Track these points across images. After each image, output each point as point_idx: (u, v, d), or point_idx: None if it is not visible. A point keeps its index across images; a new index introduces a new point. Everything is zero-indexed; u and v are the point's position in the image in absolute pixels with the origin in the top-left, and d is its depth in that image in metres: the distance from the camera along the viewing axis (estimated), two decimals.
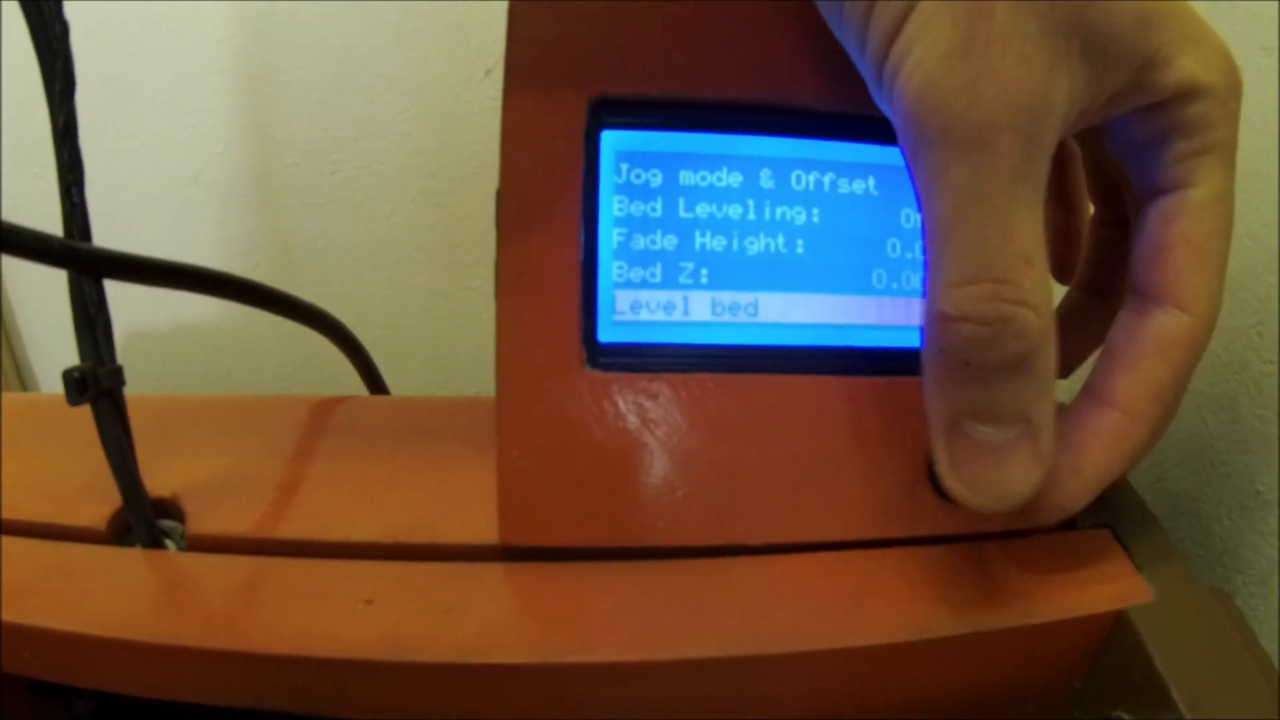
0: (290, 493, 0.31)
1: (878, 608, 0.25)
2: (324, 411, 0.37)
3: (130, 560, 0.28)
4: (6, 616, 0.25)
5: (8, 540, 0.28)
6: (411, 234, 0.59)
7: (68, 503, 0.30)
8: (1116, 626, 0.26)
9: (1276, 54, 0.33)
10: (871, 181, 0.27)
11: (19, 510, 0.30)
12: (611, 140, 0.26)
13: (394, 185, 0.58)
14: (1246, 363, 0.35)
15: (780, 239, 0.27)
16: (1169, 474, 0.39)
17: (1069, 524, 0.30)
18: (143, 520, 0.28)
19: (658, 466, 0.26)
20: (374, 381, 0.45)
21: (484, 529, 0.27)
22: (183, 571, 0.27)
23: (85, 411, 0.27)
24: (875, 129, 0.26)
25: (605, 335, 0.27)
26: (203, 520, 0.29)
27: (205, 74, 0.57)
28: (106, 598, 0.26)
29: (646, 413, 0.26)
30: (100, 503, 0.29)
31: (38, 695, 0.30)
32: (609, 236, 0.27)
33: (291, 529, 0.29)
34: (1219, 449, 0.36)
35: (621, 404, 0.26)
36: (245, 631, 0.24)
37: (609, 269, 0.27)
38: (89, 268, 0.27)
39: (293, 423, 0.35)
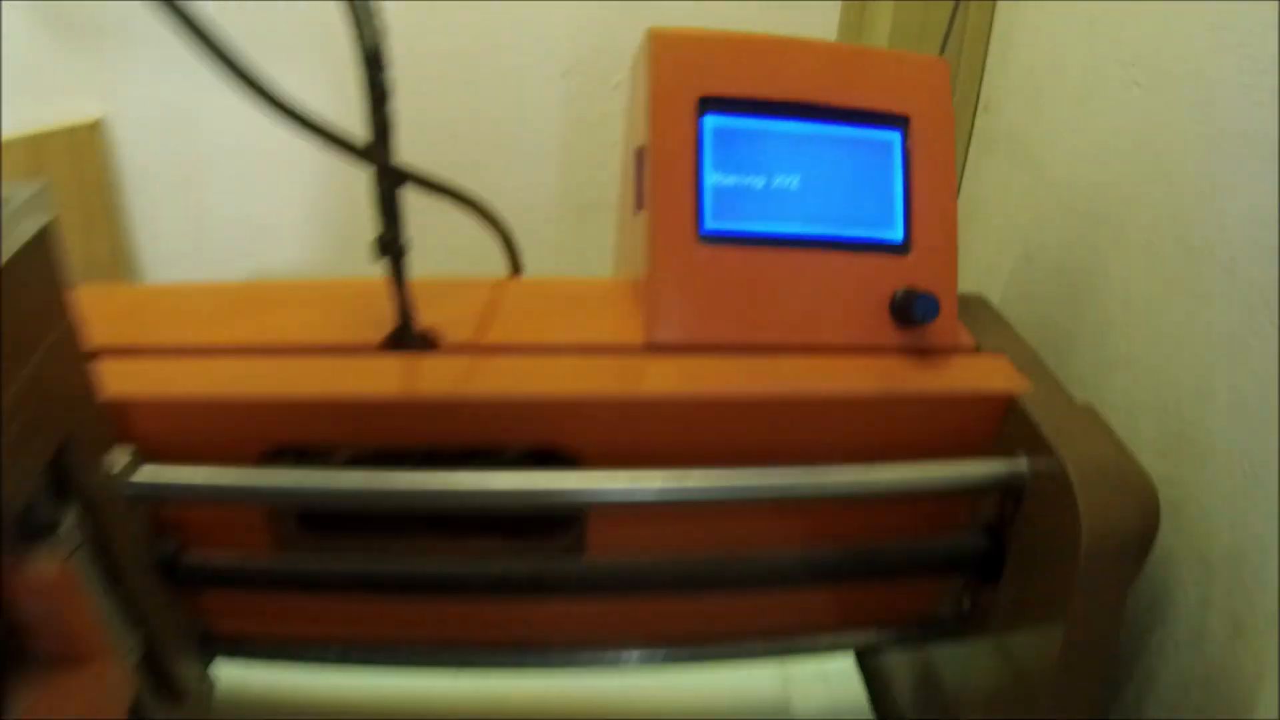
0: (496, 321, 0.47)
1: (854, 374, 0.44)
2: (496, 285, 0.52)
3: (397, 359, 0.44)
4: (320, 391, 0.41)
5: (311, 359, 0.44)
6: None
7: (349, 331, 0.46)
8: (1010, 408, 0.45)
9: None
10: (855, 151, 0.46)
11: (320, 336, 0.45)
12: (710, 122, 0.44)
13: None
14: None
15: (796, 180, 0.45)
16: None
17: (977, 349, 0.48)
18: (410, 335, 0.44)
19: (736, 294, 0.44)
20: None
21: (635, 334, 0.45)
22: (430, 364, 0.44)
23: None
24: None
25: (707, 227, 0.45)
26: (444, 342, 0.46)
27: None
28: (380, 376, 0.42)
29: (729, 266, 0.44)
30: (375, 333, 0.45)
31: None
32: (710, 176, 0.45)
33: (502, 336, 0.45)
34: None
35: (716, 263, 0.44)
36: (475, 383, 0.41)
37: (710, 194, 0.45)
38: (390, 173, 0.43)
39: (482, 288, 0.51)
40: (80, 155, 0.83)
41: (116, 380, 0.40)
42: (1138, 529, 0.44)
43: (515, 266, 0.59)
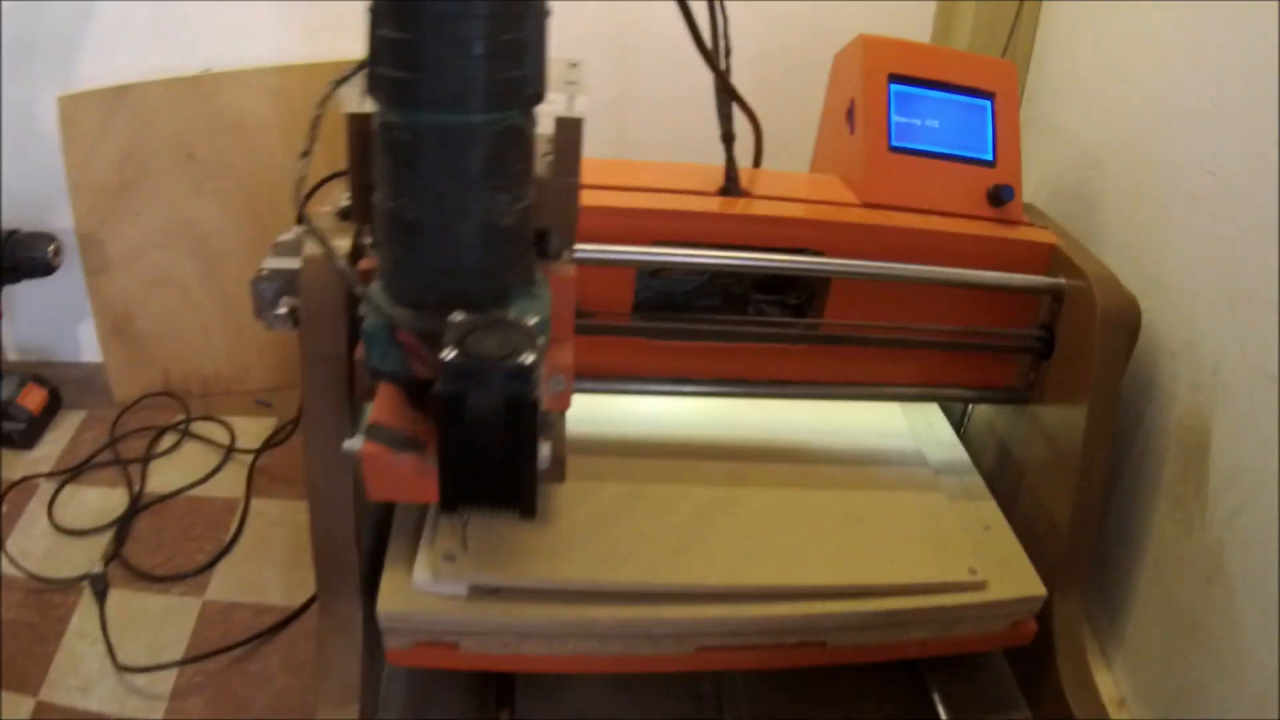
0: (771, 186, 0.83)
1: (968, 226, 0.81)
2: (765, 170, 0.88)
3: (724, 199, 0.79)
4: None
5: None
6: None
7: (701, 185, 0.81)
8: (1053, 251, 0.81)
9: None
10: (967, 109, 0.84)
11: (687, 185, 0.80)
12: (894, 88, 0.83)
13: None
14: None
15: (937, 122, 0.83)
16: None
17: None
18: (732, 186, 0.80)
19: (907, 180, 0.81)
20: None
21: (852, 198, 0.81)
22: (742, 201, 0.79)
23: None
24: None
25: (893, 144, 0.82)
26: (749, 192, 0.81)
27: None
28: (714, 203, 0.78)
29: (903, 165, 0.81)
30: (713, 186, 0.81)
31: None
32: (894, 117, 0.82)
33: (778, 192, 0.81)
34: None
35: (897, 162, 0.81)
36: (768, 209, 0.77)
37: (893, 126, 0.82)
38: (727, 88, 0.79)
39: (758, 172, 0.87)
40: None
41: None
42: (1129, 325, 0.79)
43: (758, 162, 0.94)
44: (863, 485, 0.84)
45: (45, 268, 1.07)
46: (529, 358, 0.50)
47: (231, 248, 1.15)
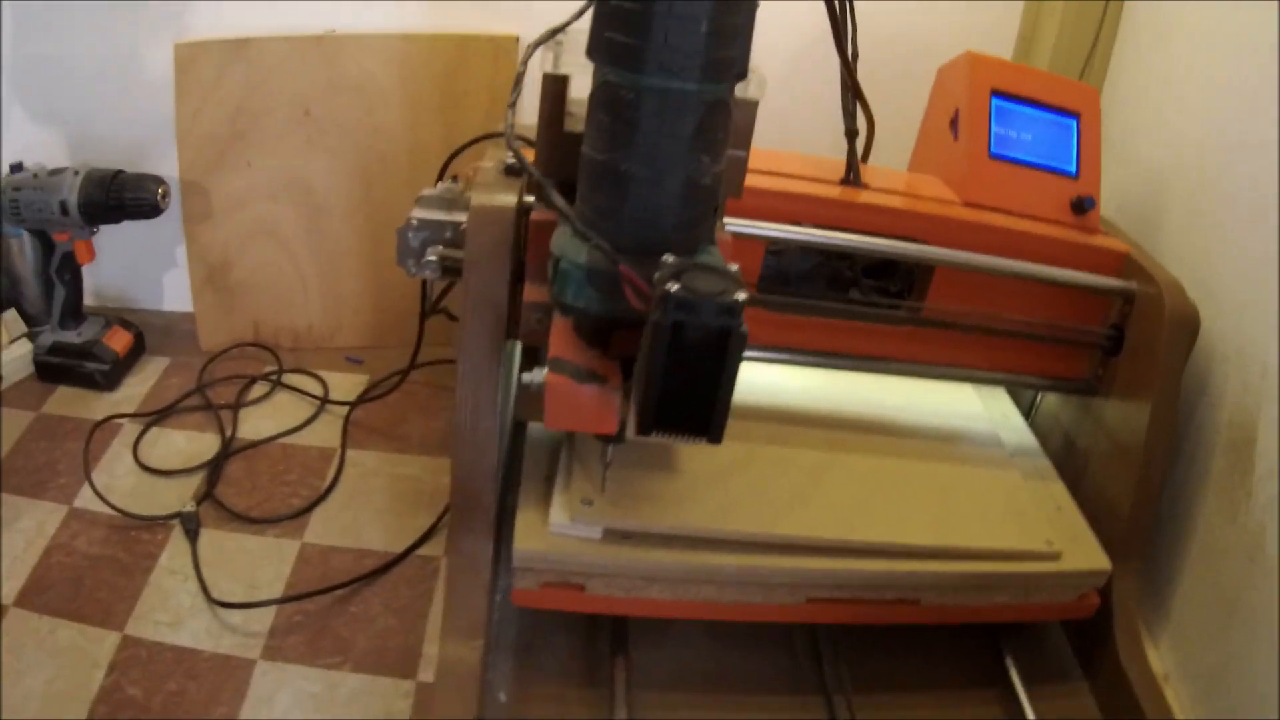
0: (886, 181, 0.88)
1: (1054, 229, 0.87)
2: (878, 168, 0.93)
3: (845, 187, 0.84)
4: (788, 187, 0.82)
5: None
6: None
7: (825, 174, 0.86)
8: (1126, 258, 0.87)
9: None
10: (1056, 125, 0.90)
11: (816, 174, 0.85)
12: (995, 101, 0.88)
13: None
14: None
15: (1030, 135, 0.89)
16: None
17: None
18: (853, 178, 0.85)
19: (1003, 185, 0.87)
20: None
21: (954, 196, 0.86)
22: (864, 191, 0.84)
23: None
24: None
25: (992, 152, 0.87)
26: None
27: None
28: (836, 190, 0.83)
29: (1000, 171, 0.87)
30: (835, 176, 0.85)
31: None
32: (994, 128, 0.88)
33: (892, 187, 0.86)
34: None
35: (994, 168, 0.87)
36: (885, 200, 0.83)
37: (993, 136, 0.88)
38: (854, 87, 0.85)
39: (873, 169, 0.92)
40: (499, 59, 1.12)
41: None
42: (1191, 329, 0.85)
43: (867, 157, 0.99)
44: (949, 460, 0.89)
45: (152, 209, 1.07)
46: (739, 295, 0.55)
47: (337, 205, 1.15)
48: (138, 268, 1.23)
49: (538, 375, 0.64)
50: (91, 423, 1.10)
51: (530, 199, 0.76)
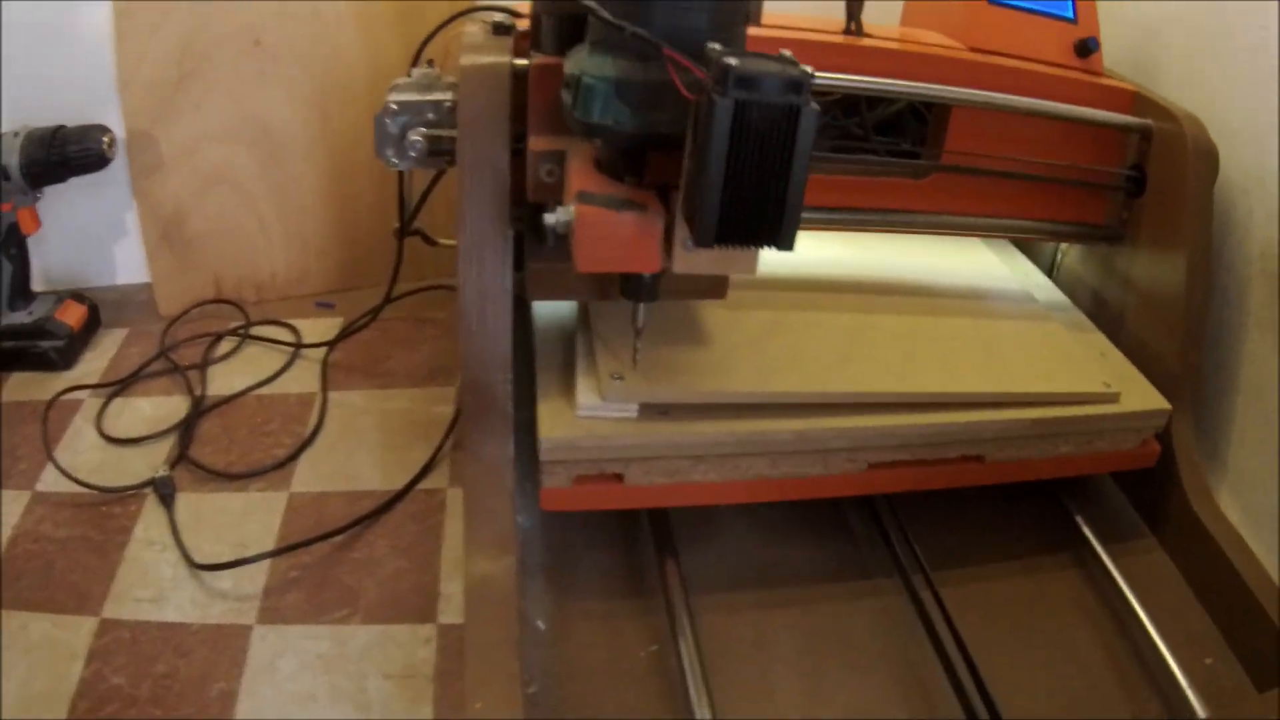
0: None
1: (1061, 69, 0.75)
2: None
3: (850, 36, 0.72)
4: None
5: None
6: None
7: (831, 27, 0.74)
8: (1135, 96, 0.77)
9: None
10: None
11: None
12: None
13: None
14: None
15: None
16: None
17: None
18: (854, 29, 0.73)
19: (1013, 32, 0.75)
20: None
21: (959, 45, 0.75)
22: (866, 39, 0.72)
23: None
24: None
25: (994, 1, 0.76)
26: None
27: None
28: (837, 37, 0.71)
29: (1008, 18, 0.76)
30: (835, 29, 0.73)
31: None
32: None
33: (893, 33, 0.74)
34: None
35: (1003, 15, 0.76)
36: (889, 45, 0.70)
37: None
38: None
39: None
40: None
41: None
42: (1214, 161, 0.75)
43: None
44: (986, 315, 0.76)
45: (99, 159, 0.90)
46: (806, 68, 0.42)
47: (295, 141, 0.99)
48: (86, 242, 1.04)
49: (562, 213, 0.51)
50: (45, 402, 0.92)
51: (522, 61, 0.62)
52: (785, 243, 0.44)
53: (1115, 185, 0.79)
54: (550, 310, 0.73)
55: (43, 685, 0.65)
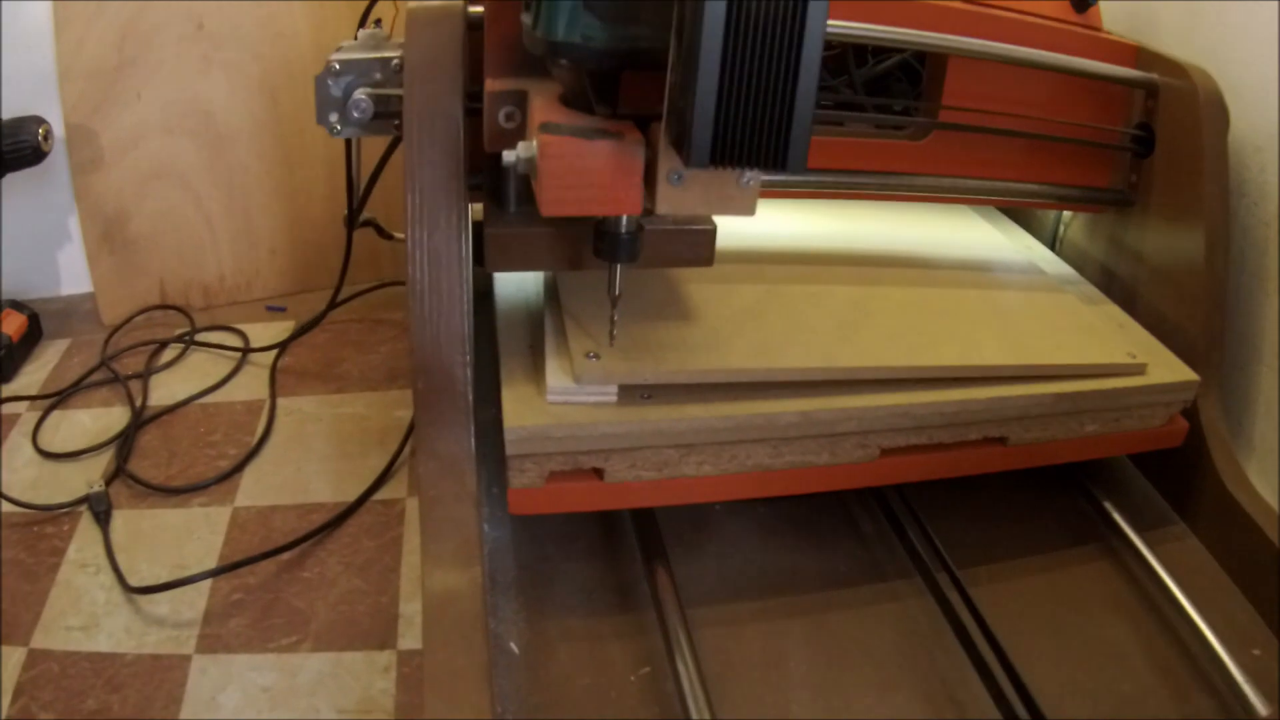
0: None
1: (1060, 22, 0.67)
2: None
3: None
4: None
5: None
6: None
7: None
8: (1138, 51, 0.68)
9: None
10: None
11: None
12: None
13: None
14: None
15: None
16: None
17: None
18: None
19: None
20: None
21: None
22: None
23: None
24: None
25: None
26: None
27: None
28: None
29: None
30: None
31: None
32: None
33: None
34: None
35: None
36: None
37: None
38: None
39: None
40: None
41: None
42: (1224, 117, 0.67)
43: None
44: (995, 286, 0.67)
45: (34, 153, 0.79)
46: None
47: (241, 129, 0.89)
48: (29, 251, 0.93)
49: (523, 148, 0.41)
50: None
51: (477, 9, 0.52)
52: (795, 162, 0.34)
53: (1122, 146, 0.71)
54: (515, 290, 0.63)
55: None
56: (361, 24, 0.62)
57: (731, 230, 0.69)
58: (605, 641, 0.53)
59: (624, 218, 0.44)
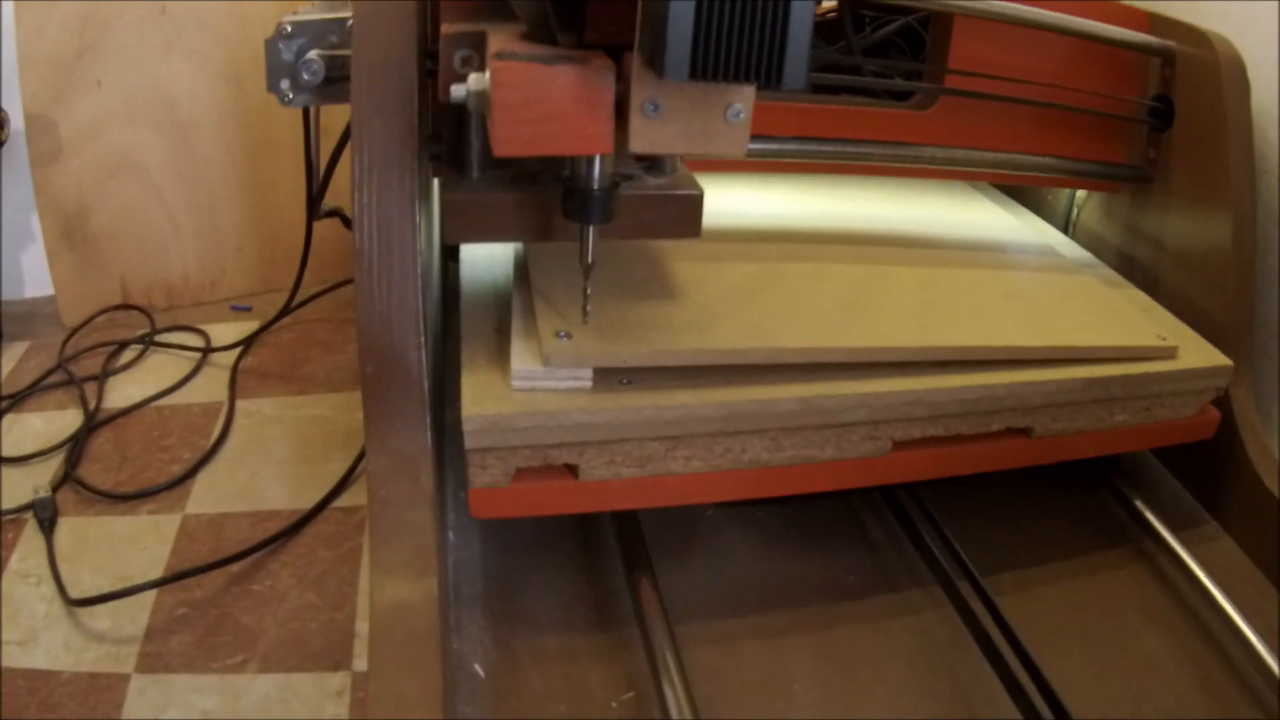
0: None
1: None
2: None
3: None
4: None
5: None
6: None
7: None
8: (1152, 18, 0.61)
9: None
10: None
11: None
12: None
13: None
14: None
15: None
16: None
17: None
18: None
19: None
20: None
21: None
22: None
23: None
24: None
25: None
26: None
27: None
28: None
29: None
30: None
31: None
32: None
33: None
34: None
35: None
36: None
37: None
38: None
39: None
40: None
41: None
42: (1246, 87, 0.60)
43: None
44: (1010, 267, 0.59)
45: None
46: None
47: (205, 118, 0.81)
48: None
49: (474, 81, 0.33)
50: None
51: None
52: (791, 75, 0.27)
53: (1138, 118, 0.63)
54: (484, 269, 0.55)
55: None
56: None
57: (722, 209, 0.62)
58: (583, 662, 0.45)
59: (595, 170, 0.37)
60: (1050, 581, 0.51)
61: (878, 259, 0.57)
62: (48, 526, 0.61)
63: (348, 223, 0.69)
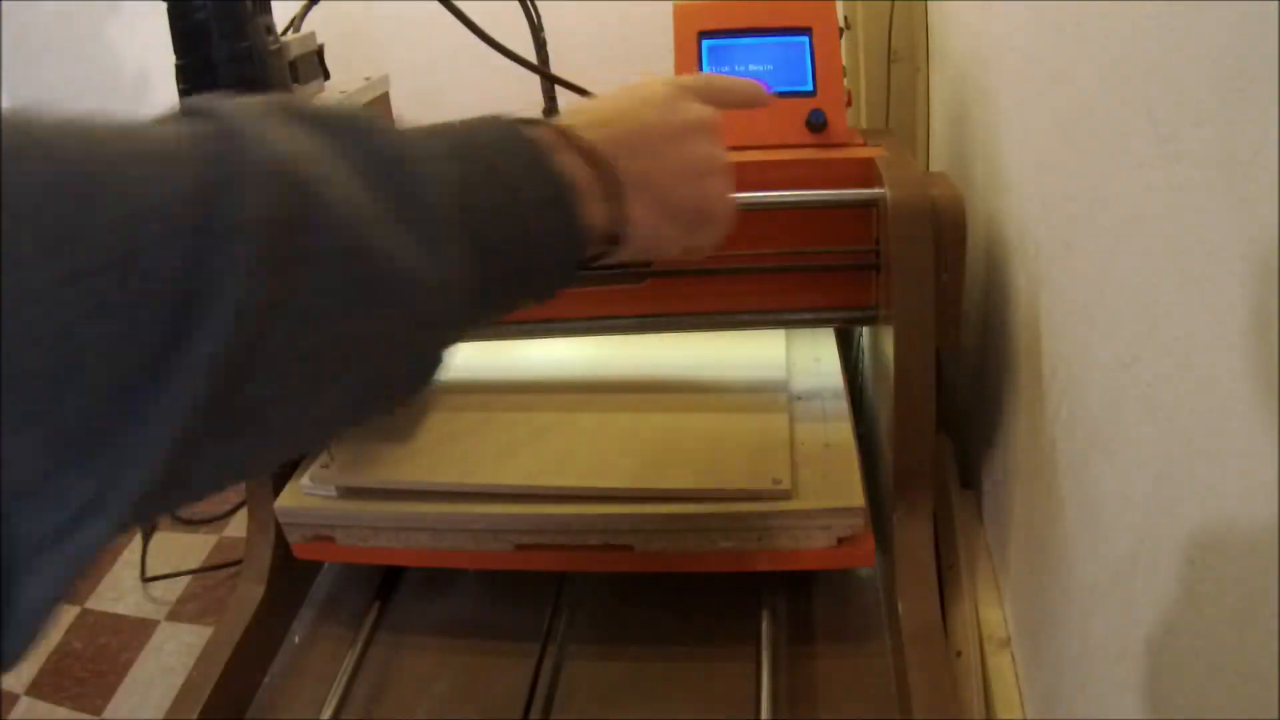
0: None
1: (789, 151, 0.58)
2: None
3: None
4: None
5: None
6: None
7: None
8: (871, 165, 0.57)
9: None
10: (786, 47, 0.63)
11: None
12: (704, 44, 0.63)
13: None
14: None
15: (755, 65, 0.62)
16: None
17: None
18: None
19: (734, 115, 0.61)
20: None
21: None
22: None
23: None
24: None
25: None
26: None
27: None
28: None
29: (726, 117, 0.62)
30: None
31: None
32: (703, 68, 0.63)
33: None
34: None
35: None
36: None
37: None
38: None
39: None
40: None
41: None
42: (921, 219, 0.52)
43: None
44: (707, 409, 0.63)
45: None
46: None
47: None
48: None
49: None
50: None
51: None
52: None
53: (849, 265, 0.60)
54: None
55: None
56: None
57: (493, 359, 0.71)
58: (347, 648, 0.65)
59: None
60: (670, 659, 0.57)
61: (589, 405, 0.65)
62: (146, 535, 0.92)
63: None
